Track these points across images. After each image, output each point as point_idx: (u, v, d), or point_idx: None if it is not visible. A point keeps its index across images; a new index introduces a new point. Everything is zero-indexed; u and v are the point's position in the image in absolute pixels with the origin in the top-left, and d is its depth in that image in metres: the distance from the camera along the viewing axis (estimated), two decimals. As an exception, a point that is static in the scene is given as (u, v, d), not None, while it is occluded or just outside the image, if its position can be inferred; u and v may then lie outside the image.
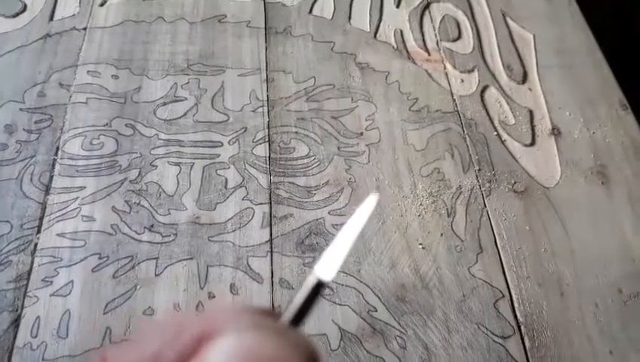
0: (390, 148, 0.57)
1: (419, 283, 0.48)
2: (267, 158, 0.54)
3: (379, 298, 0.47)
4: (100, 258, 0.47)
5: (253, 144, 0.55)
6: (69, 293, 0.45)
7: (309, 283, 0.18)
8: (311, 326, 0.45)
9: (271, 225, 0.50)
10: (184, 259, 0.48)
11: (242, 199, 0.52)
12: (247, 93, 0.59)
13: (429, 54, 0.67)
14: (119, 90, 0.58)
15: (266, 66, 0.62)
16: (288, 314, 0.17)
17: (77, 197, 0.50)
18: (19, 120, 0.56)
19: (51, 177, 0.52)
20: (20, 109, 0.56)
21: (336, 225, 0.51)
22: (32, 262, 0.46)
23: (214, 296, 0.46)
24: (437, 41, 0.67)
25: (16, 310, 0.44)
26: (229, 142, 0.55)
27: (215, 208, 0.51)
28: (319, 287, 0.17)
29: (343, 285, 0.47)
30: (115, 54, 0.61)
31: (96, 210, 0.50)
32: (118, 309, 0.44)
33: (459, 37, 0.70)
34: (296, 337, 0.15)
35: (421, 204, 0.53)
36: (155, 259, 0.47)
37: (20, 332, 0.43)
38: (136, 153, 0.54)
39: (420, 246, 0.50)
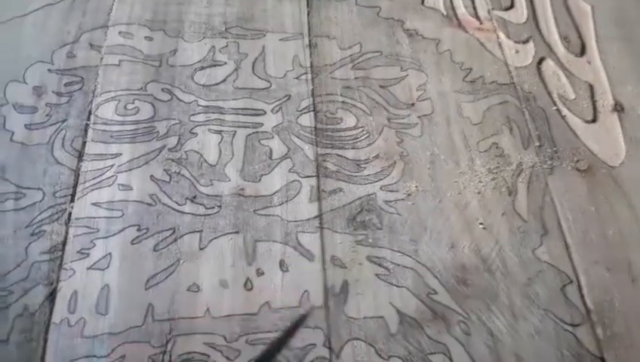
0: (444, 121, 0.53)
1: (481, 265, 0.44)
2: (313, 129, 0.51)
3: (438, 280, 0.44)
4: (138, 229, 0.44)
5: (297, 113, 0.52)
6: (108, 267, 0.42)
7: None
8: (368, 306, 0.42)
9: (320, 200, 0.47)
10: (230, 233, 0.44)
11: (289, 171, 0.48)
12: (290, 58, 0.56)
13: (481, 22, 0.63)
14: (153, 53, 0.54)
15: (309, 31, 0.58)
16: None
17: (112, 165, 0.47)
18: (48, 81, 0.52)
19: (84, 143, 0.48)
20: (49, 70, 0.53)
21: (389, 201, 0.47)
22: (67, 233, 0.43)
23: (263, 273, 0.42)
24: (488, 10, 0.63)
25: (52, 283, 0.41)
26: (272, 111, 0.52)
27: (260, 180, 0.47)
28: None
29: (399, 265, 0.44)
30: (147, 15, 0.57)
31: (133, 178, 0.47)
32: (161, 284, 0.41)
33: (511, 6, 0.65)
34: None
35: (480, 181, 0.49)
36: (198, 231, 0.44)
37: (57, 307, 0.40)
38: (174, 120, 0.50)
39: (481, 226, 0.47)
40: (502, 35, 0.62)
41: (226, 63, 0.55)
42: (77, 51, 0.55)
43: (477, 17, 0.64)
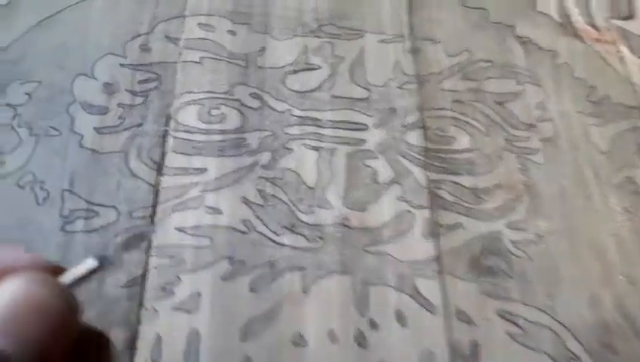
0: (570, 147, 0.46)
1: (627, 328, 0.37)
2: (423, 149, 0.43)
3: (580, 343, 0.36)
4: (231, 263, 0.37)
5: (403, 129, 0.44)
6: (197, 308, 0.35)
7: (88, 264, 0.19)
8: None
9: (436, 236, 0.39)
10: (336, 273, 0.37)
11: (398, 199, 0.41)
12: (391, 64, 0.48)
13: (599, 32, 0.55)
14: (239, 50, 0.47)
15: (410, 33, 0.50)
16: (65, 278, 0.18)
17: (197, 182, 0.40)
18: (120, 78, 0.45)
19: (163, 154, 0.41)
20: (121, 65, 0.46)
21: (518, 242, 0.40)
22: (147, 263, 0.36)
23: (377, 326, 0.35)
24: (606, 18, 0.55)
25: (131, 326, 0.33)
26: (374, 125, 0.44)
27: (366, 208, 0.40)
28: (96, 270, 0.19)
29: (535, 324, 0.37)
30: (228, 5, 0.50)
31: (222, 199, 0.40)
32: (260, 334, 0.34)
33: (631, 15, 0.57)
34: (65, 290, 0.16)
35: (616, 222, 0.42)
36: (301, 269, 0.37)
37: (139, 355, 0.33)
38: (267, 131, 0.43)
39: (623, 278, 0.39)
40: (624, 49, 0.54)
41: (320, 67, 0.48)
42: (152, 44, 0.47)
43: (594, 26, 0.56)
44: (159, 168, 0.41)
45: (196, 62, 0.46)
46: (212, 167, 0.42)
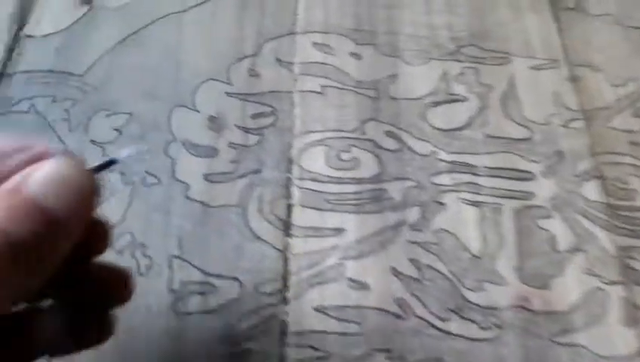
0: None
1: None
2: (604, 205, 0.34)
3: None
4: (389, 358, 0.27)
5: (577, 179, 0.35)
6: None
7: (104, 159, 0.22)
8: None
9: (636, 323, 0.30)
10: None
11: (584, 272, 0.31)
12: (548, 96, 0.39)
13: None
14: (366, 77, 0.38)
15: (565, 57, 0.40)
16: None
17: (335, 246, 0.31)
18: (227, 110, 0.36)
19: (289, 208, 0.31)
20: (227, 94, 0.36)
21: None
22: (283, 357, 0.26)
23: None
24: None
25: None
26: (542, 174, 0.34)
27: (549, 285, 0.30)
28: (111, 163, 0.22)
29: None
30: (348, 22, 0.41)
31: (367, 270, 0.31)
32: None
33: None
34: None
35: None
36: None
37: None
38: (410, 180, 0.34)
39: None
40: None
41: (466, 99, 0.38)
42: (261, 68, 0.38)
43: None
44: (287, 228, 0.32)
45: (317, 93, 0.37)
46: (350, 226, 0.32)
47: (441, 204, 0.35)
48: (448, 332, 0.31)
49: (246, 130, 0.37)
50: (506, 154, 0.37)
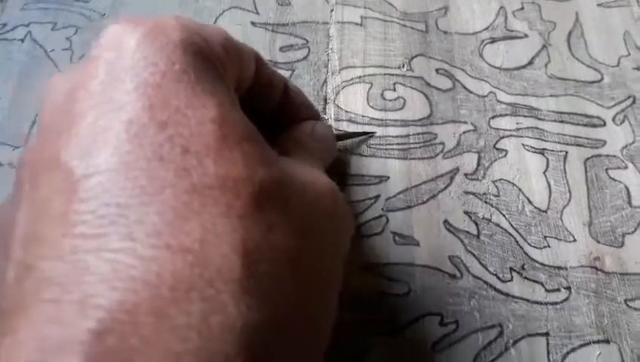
0: None
1: None
2: None
3: None
4: (442, 323, 0.24)
5: None
6: None
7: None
8: None
9: None
10: (595, 342, 0.25)
11: None
12: (619, 36, 0.35)
13: None
14: (414, 9, 0.35)
15: None
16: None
17: (377, 196, 0.27)
18: (253, 41, 0.33)
19: None
20: (253, 24, 0.33)
21: None
22: None
23: None
24: None
25: None
26: (614, 120, 0.31)
27: (623, 243, 0.27)
28: (368, 134, 0.28)
29: None
30: None
31: (416, 223, 0.27)
32: None
33: None
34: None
35: None
36: (543, 335, 0.24)
37: None
38: (466, 123, 0.30)
39: None
40: None
41: (527, 36, 0.35)
42: None
43: None
44: (323, 173, 0.29)
45: (357, 25, 0.34)
46: (395, 173, 0.29)
47: (501, 150, 0.32)
48: (509, 295, 0.28)
49: (275, 65, 0.34)
50: (572, 97, 0.34)
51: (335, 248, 0.19)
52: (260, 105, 0.21)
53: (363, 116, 0.32)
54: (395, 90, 0.33)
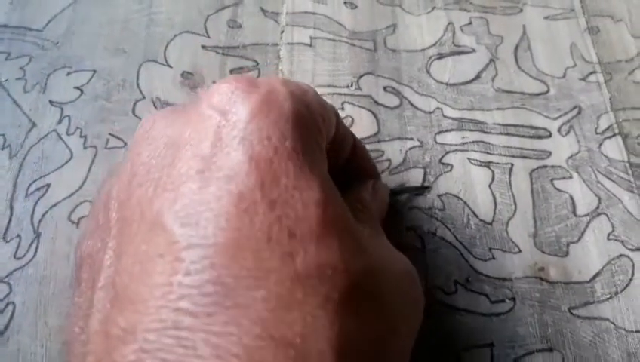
0: None
1: None
2: (627, 164, 0.32)
3: None
4: None
5: (598, 137, 0.33)
6: None
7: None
8: None
9: None
10: (539, 351, 0.26)
11: (607, 238, 0.30)
12: (566, 48, 0.37)
13: None
14: (363, 28, 0.36)
15: (583, 7, 0.38)
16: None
17: None
18: (204, 65, 0.34)
19: None
20: (204, 47, 0.34)
21: None
22: None
23: None
24: None
25: None
26: (559, 131, 0.33)
27: (567, 252, 0.29)
28: (423, 188, 0.29)
29: None
30: None
31: None
32: None
33: None
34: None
35: None
36: (488, 346, 0.26)
37: None
38: (411, 139, 0.31)
39: None
40: None
41: (474, 50, 0.36)
42: (243, 18, 0.37)
43: None
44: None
45: (306, 45, 0.35)
46: None
47: (447, 165, 0.33)
48: (454, 307, 0.29)
49: (225, 87, 0.35)
50: (519, 109, 0.35)
51: (413, 331, 0.20)
52: (333, 160, 0.20)
53: (311, 135, 0.33)
54: (343, 109, 0.34)
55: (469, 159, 0.33)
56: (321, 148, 0.17)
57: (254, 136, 0.15)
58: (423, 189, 0.32)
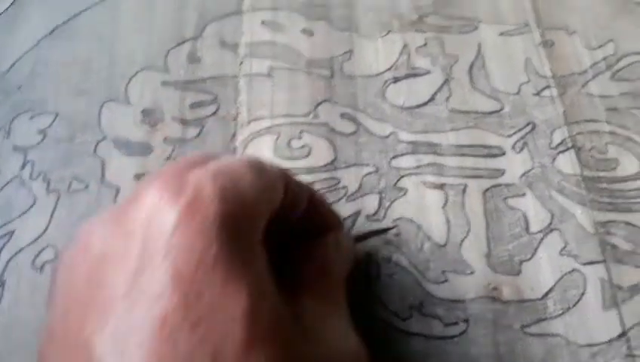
0: None
1: None
2: (580, 178, 0.33)
3: None
4: None
5: (551, 152, 0.34)
6: None
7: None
8: None
9: (617, 305, 0.29)
10: None
11: (560, 253, 0.31)
12: (521, 64, 0.38)
13: None
14: (320, 55, 0.37)
15: (537, 21, 0.39)
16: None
17: None
18: (164, 101, 0.35)
19: None
20: (164, 83, 0.36)
21: None
22: None
23: None
24: None
25: None
26: (513, 148, 0.34)
27: (520, 271, 0.30)
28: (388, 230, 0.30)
29: None
30: None
31: None
32: None
33: None
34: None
35: None
36: None
37: None
38: (367, 165, 0.33)
39: None
40: None
41: (429, 72, 0.37)
42: (202, 52, 0.38)
43: None
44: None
45: (265, 76, 0.37)
46: None
47: (402, 189, 0.34)
48: (408, 332, 0.30)
49: (184, 123, 0.36)
50: (472, 129, 0.36)
51: None
52: (285, 216, 0.20)
53: (269, 167, 0.34)
54: (301, 138, 0.35)
55: (422, 182, 0.34)
56: (257, 241, 0.17)
57: (178, 249, 0.15)
58: (387, 231, 0.32)
